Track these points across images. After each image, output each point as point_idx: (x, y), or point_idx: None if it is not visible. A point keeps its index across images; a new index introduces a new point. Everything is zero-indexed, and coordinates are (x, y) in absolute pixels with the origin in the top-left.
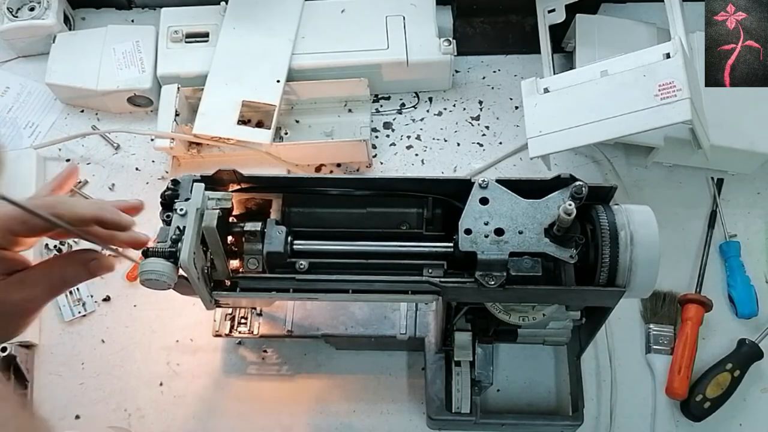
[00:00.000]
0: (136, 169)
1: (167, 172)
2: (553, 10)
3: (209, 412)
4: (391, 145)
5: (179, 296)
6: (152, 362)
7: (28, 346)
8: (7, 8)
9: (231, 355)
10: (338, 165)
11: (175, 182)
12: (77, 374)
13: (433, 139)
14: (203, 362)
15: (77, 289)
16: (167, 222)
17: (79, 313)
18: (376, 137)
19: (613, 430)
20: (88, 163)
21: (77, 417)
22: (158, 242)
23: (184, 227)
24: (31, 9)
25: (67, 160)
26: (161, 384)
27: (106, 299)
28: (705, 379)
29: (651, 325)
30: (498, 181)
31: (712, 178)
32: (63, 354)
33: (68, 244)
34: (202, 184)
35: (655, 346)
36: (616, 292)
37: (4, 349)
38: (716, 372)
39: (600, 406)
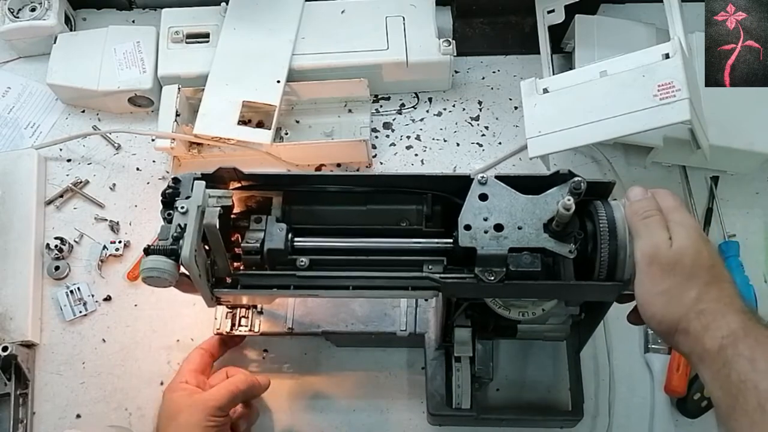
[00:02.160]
0: (137, 169)
1: (168, 173)
2: (553, 11)
3: None
4: (390, 145)
5: (180, 296)
6: (153, 361)
7: (29, 345)
8: (8, 9)
9: (232, 354)
10: (338, 165)
11: (176, 180)
12: (78, 373)
13: (433, 139)
14: None
15: (78, 288)
16: (168, 220)
17: (80, 312)
18: (376, 137)
19: (613, 429)
20: (89, 164)
21: (78, 416)
22: (159, 240)
23: (186, 225)
24: (32, 9)
25: (68, 160)
26: (162, 383)
27: (107, 299)
28: None
29: None
30: (497, 177)
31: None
32: (64, 353)
33: (69, 244)
34: (203, 182)
35: (653, 345)
36: (614, 287)
37: (5, 349)
38: None
39: (599, 405)
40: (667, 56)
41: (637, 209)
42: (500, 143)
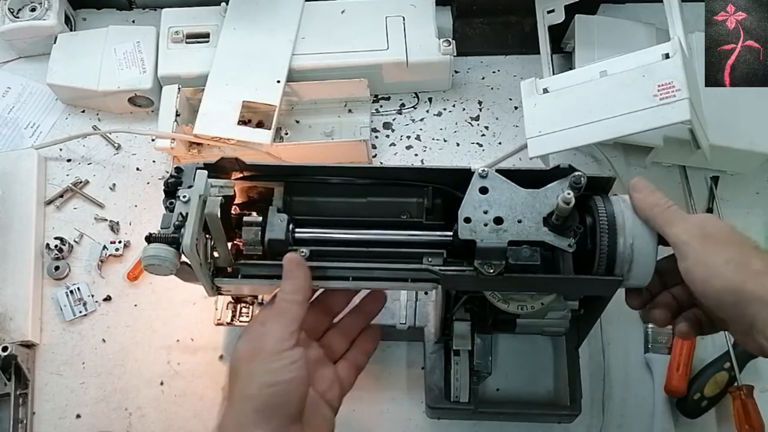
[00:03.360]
0: (137, 169)
1: (168, 173)
2: (553, 11)
3: (210, 411)
4: (390, 145)
5: (180, 296)
6: (153, 361)
7: (29, 345)
8: (8, 9)
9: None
10: None
11: (178, 170)
12: (78, 373)
13: (433, 139)
14: (204, 361)
15: (78, 288)
16: (170, 209)
17: (80, 312)
18: (376, 137)
19: (612, 429)
20: (89, 164)
21: (78, 416)
22: (161, 228)
23: (187, 214)
24: (32, 9)
25: (68, 160)
26: (162, 383)
27: (107, 299)
28: (703, 378)
29: (650, 325)
30: (498, 170)
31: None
32: (64, 353)
33: (69, 244)
34: (205, 171)
35: (653, 345)
36: (613, 281)
37: (5, 349)
38: (714, 371)
39: (600, 404)
40: (667, 56)
41: (656, 200)
42: (500, 143)
